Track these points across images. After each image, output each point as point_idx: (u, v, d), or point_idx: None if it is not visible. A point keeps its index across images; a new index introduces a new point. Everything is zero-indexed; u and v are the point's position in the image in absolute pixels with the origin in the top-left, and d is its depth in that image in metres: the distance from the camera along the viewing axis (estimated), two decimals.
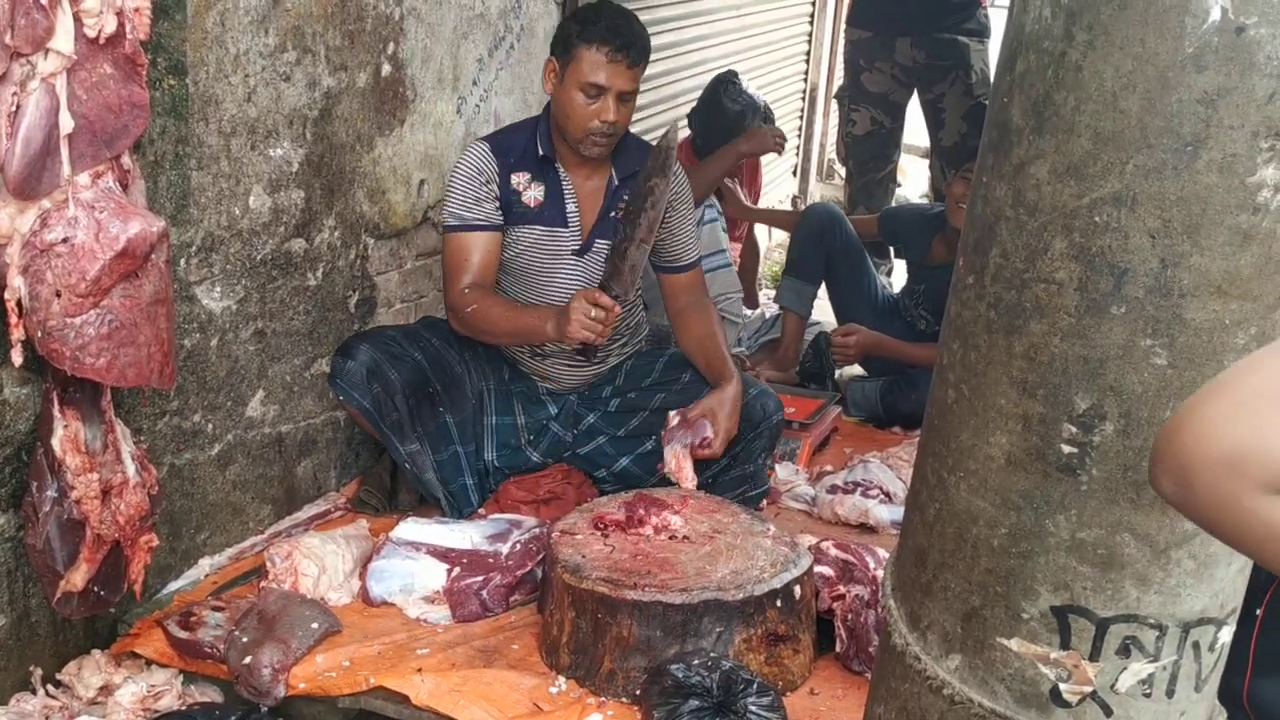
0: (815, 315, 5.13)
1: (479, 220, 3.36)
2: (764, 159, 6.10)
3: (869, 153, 6.31)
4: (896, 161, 6.52)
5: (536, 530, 3.23)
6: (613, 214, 3.43)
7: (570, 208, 3.41)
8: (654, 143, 3.40)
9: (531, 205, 3.38)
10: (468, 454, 3.49)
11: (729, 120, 5.05)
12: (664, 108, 5.88)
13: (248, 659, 2.67)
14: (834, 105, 9.38)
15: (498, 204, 3.37)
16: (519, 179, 3.38)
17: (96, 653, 2.78)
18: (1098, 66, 1.45)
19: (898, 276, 5.78)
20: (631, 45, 3.22)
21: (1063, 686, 1.65)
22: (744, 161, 5.70)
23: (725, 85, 5.14)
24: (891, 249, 5.31)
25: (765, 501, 3.67)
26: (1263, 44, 1.37)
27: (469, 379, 3.49)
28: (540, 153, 3.38)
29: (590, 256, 3.43)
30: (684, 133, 5.38)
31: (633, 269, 3.21)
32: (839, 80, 9.35)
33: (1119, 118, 1.45)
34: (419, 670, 2.69)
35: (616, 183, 3.44)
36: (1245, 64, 1.38)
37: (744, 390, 3.39)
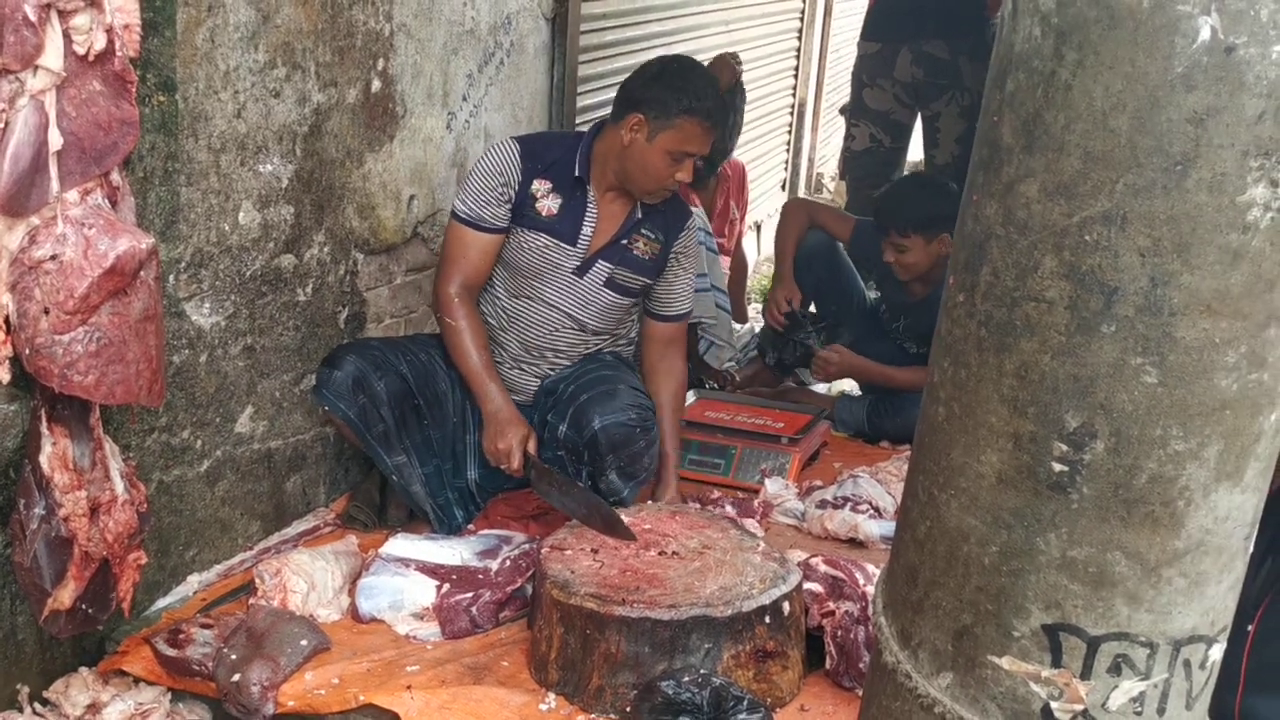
0: None
1: (485, 220, 3.41)
2: (750, 176, 6.11)
3: (865, 169, 6.30)
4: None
5: (526, 546, 3.22)
6: (623, 241, 3.44)
7: (586, 230, 3.43)
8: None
9: (543, 214, 3.40)
10: (446, 471, 3.49)
11: None
12: None
13: (236, 676, 2.66)
14: (822, 120, 9.42)
15: (510, 206, 3.41)
16: (540, 185, 3.41)
17: (84, 670, 2.77)
18: (1087, 86, 1.45)
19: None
20: (724, 119, 3.38)
21: (1054, 705, 1.64)
22: (730, 174, 5.70)
23: None
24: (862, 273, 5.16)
25: (757, 517, 3.67)
26: (1252, 64, 1.37)
27: (452, 395, 3.49)
28: (576, 174, 3.41)
29: (588, 278, 3.44)
30: None
31: (547, 496, 3.25)
32: (827, 95, 9.40)
33: (1109, 137, 1.45)
34: (408, 687, 2.68)
35: (639, 215, 3.46)
36: (1235, 83, 1.38)
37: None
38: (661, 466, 3.53)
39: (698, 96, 3.27)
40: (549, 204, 3.40)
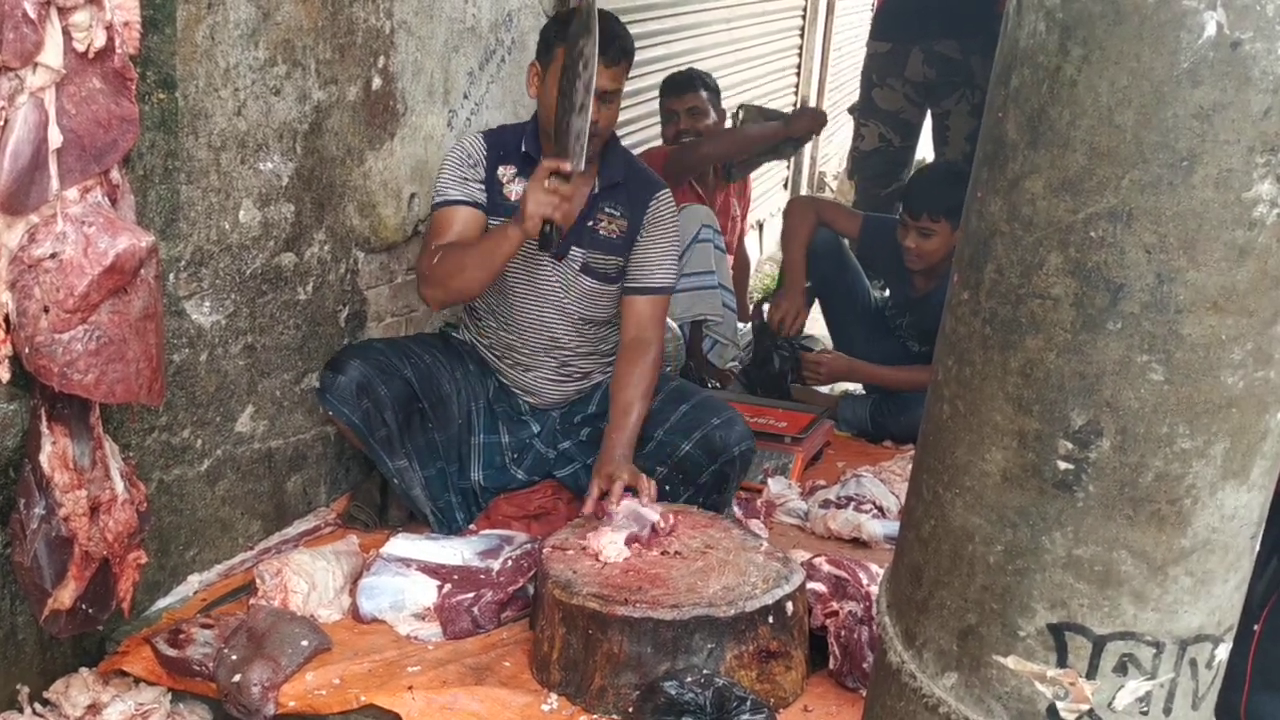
0: (809, 329, 5.08)
1: (461, 197, 3.39)
2: (752, 174, 6.10)
3: (875, 169, 6.30)
4: (905, 180, 6.48)
5: (527, 546, 3.21)
6: (590, 222, 3.42)
7: None
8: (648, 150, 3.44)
9: (512, 199, 3.40)
10: (451, 472, 3.48)
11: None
12: (656, 121, 5.88)
13: (237, 677, 2.65)
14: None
15: (481, 186, 3.41)
16: (505, 171, 3.43)
17: (84, 671, 2.76)
18: (1093, 81, 1.45)
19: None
20: (610, 44, 3.23)
21: (1060, 705, 1.64)
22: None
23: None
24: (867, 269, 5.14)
25: (760, 516, 3.66)
26: (1258, 59, 1.36)
27: (457, 398, 3.48)
28: (523, 149, 3.42)
29: (567, 261, 3.42)
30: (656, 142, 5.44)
31: (578, 136, 3.11)
32: (830, 94, 9.39)
33: (1114, 133, 1.44)
34: (410, 688, 2.68)
35: (597, 190, 3.44)
36: (1241, 79, 1.37)
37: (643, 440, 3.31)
38: (616, 447, 3.23)
39: (567, 23, 3.27)
40: (515, 189, 3.41)
